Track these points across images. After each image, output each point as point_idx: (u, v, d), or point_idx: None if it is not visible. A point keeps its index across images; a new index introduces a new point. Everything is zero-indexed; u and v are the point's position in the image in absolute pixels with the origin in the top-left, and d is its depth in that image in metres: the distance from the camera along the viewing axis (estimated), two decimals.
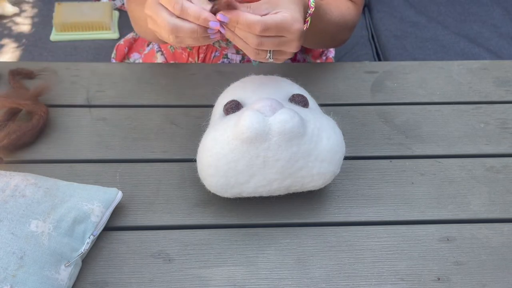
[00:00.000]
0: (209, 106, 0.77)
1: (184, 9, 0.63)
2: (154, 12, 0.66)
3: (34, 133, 0.79)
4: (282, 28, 0.64)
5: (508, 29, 1.62)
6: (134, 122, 0.83)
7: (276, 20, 0.64)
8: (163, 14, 0.65)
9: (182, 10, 0.63)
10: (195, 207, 0.72)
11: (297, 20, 0.65)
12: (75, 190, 0.68)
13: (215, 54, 1.01)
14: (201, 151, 0.67)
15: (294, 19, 0.65)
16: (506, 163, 0.80)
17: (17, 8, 1.93)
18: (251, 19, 0.63)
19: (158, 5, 0.65)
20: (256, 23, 0.63)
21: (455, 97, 0.90)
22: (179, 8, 0.63)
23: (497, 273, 0.67)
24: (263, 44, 0.65)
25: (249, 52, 0.68)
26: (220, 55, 1.01)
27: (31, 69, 0.90)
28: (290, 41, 0.66)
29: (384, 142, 0.82)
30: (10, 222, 0.62)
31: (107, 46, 1.74)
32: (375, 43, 1.62)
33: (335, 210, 0.73)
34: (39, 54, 1.74)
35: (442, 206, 0.74)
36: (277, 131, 0.62)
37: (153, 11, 0.66)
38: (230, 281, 0.65)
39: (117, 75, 0.91)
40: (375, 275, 0.66)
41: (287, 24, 0.64)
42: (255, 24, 0.63)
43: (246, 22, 0.63)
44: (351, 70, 0.94)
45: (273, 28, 0.64)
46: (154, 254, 0.67)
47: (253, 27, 0.63)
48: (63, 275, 0.62)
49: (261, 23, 0.63)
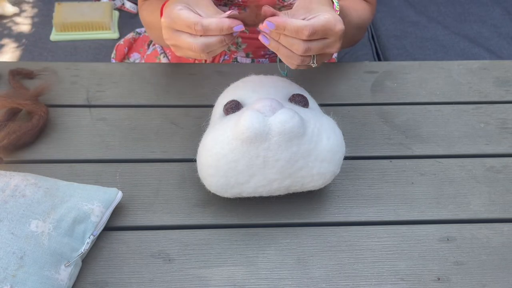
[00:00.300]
0: (209, 106, 0.77)
1: (205, 28, 0.63)
2: (176, 39, 0.66)
3: (34, 133, 0.79)
4: (328, 30, 0.64)
5: (508, 29, 1.62)
6: (134, 122, 0.83)
7: (322, 23, 0.64)
8: (186, 39, 0.65)
9: (203, 29, 0.63)
10: (195, 207, 0.72)
11: (339, 20, 0.66)
12: (75, 190, 0.68)
13: (224, 57, 1.01)
14: (201, 151, 0.67)
15: (336, 19, 0.65)
16: (506, 163, 0.80)
17: (17, 8, 1.93)
18: (299, 24, 0.63)
19: (176, 32, 0.66)
20: (304, 27, 0.63)
21: (455, 97, 0.90)
22: (201, 28, 0.63)
23: (497, 273, 0.67)
24: (310, 49, 0.65)
25: (295, 60, 0.67)
26: (229, 59, 1.00)
27: (31, 69, 0.90)
28: (333, 42, 0.66)
29: (384, 142, 0.82)
30: (10, 222, 0.62)
31: (107, 46, 1.74)
32: (375, 43, 1.62)
33: (335, 210, 0.73)
34: (39, 54, 1.74)
35: (442, 206, 0.74)
36: (277, 131, 0.62)
37: (174, 39, 0.66)
38: (230, 281, 0.65)
39: (117, 75, 0.91)
40: (375, 275, 0.66)
41: (331, 25, 0.64)
42: (303, 29, 0.63)
43: (294, 28, 0.63)
44: (351, 70, 0.94)
45: (320, 31, 0.64)
46: (154, 254, 0.67)
47: (301, 31, 0.63)
48: (63, 275, 0.62)
49: (309, 27, 0.63)
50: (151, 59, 1.08)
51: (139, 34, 1.20)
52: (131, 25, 1.80)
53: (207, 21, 0.63)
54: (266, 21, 0.63)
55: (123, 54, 1.16)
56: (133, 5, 1.90)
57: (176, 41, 0.66)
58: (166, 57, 1.05)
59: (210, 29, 0.63)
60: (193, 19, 0.63)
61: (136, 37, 1.19)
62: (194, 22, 0.63)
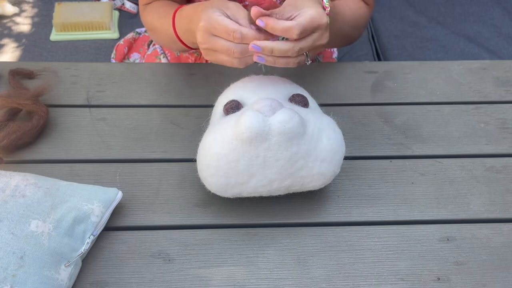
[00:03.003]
0: (209, 106, 0.77)
1: (244, 36, 0.66)
2: (213, 44, 0.68)
3: (34, 133, 0.79)
4: (315, 24, 0.66)
5: (508, 29, 1.63)
6: (134, 122, 0.83)
7: (308, 19, 0.66)
8: (224, 43, 0.67)
9: (242, 36, 0.66)
10: (195, 207, 0.72)
11: (322, 13, 0.68)
12: (75, 190, 0.68)
13: None
14: (201, 151, 0.67)
15: (320, 13, 0.67)
16: (506, 163, 0.80)
17: (17, 8, 1.93)
18: (287, 24, 0.65)
19: (213, 36, 0.68)
20: (293, 26, 0.65)
21: (455, 97, 0.90)
22: (239, 36, 0.65)
23: (497, 273, 0.67)
24: (302, 49, 0.67)
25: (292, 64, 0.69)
26: None
27: (31, 69, 0.90)
28: (321, 34, 0.68)
29: (384, 142, 0.82)
30: (10, 222, 0.62)
31: (107, 46, 1.74)
32: (375, 43, 1.62)
33: (335, 210, 0.73)
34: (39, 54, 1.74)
35: (442, 206, 0.74)
36: (277, 131, 0.62)
37: (211, 43, 0.68)
38: (230, 281, 0.65)
39: (117, 75, 0.91)
40: (375, 275, 0.66)
41: (316, 19, 0.66)
42: (293, 28, 0.65)
43: (283, 28, 0.65)
44: (351, 70, 0.94)
45: (308, 28, 0.66)
46: (154, 254, 0.67)
47: (291, 31, 0.65)
48: (63, 275, 0.62)
49: (298, 26, 0.65)
50: (151, 59, 1.08)
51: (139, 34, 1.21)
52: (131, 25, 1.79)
53: (245, 30, 0.66)
54: (252, 45, 0.65)
55: (123, 54, 1.16)
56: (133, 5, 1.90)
57: (213, 45, 0.68)
58: (166, 57, 1.05)
59: (248, 38, 0.66)
60: (232, 26, 0.66)
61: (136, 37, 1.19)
62: (233, 29, 0.65)
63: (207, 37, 0.68)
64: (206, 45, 0.69)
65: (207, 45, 0.69)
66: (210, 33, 0.67)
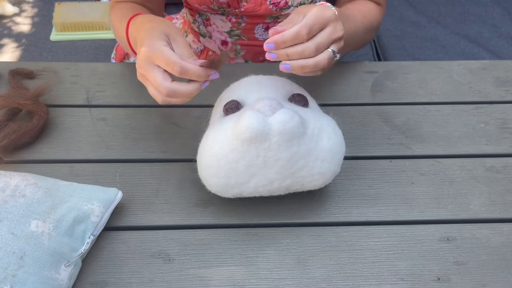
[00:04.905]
0: (209, 106, 0.77)
1: (184, 70, 0.65)
2: (148, 72, 0.67)
3: (34, 133, 0.79)
4: (321, 19, 0.66)
5: (508, 29, 1.63)
6: (134, 122, 0.83)
7: (312, 17, 0.66)
8: (158, 77, 0.66)
9: (182, 70, 0.65)
10: (195, 207, 0.72)
11: (325, 7, 0.68)
12: (75, 190, 0.68)
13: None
14: (201, 152, 0.67)
15: (321, 7, 0.68)
16: (506, 163, 0.80)
17: (17, 8, 1.93)
18: (294, 29, 0.65)
19: (151, 64, 0.67)
20: (300, 28, 0.65)
21: (455, 97, 0.90)
22: (179, 70, 0.65)
23: (497, 273, 0.67)
24: (320, 44, 0.66)
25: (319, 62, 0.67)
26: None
27: (31, 69, 0.90)
28: (334, 26, 0.68)
29: (384, 142, 0.82)
30: (10, 222, 0.62)
31: (107, 46, 1.75)
32: (375, 43, 1.62)
33: (335, 210, 0.73)
34: (39, 54, 1.75)
35: (442, 206, 0.74)
36: (277, 131, 0.62)
37: (146, 70, 0.67)
38: (230, 281, 0.65)
39: (117, 75, 0.91)
40: (375, 275, 0.66)
41: (320, 14, 0.67)
42: (300, 30, 0.65)
43: (291, 34, 0.65)
44: (351, 70, 0.94)
45: (315, 24, 0.66)
46: (154, 254, 0.67)
47: (300, 33, 0.65)
48: (63, 275, 0.62)
49: (304, 26, 0.65)
50: None
51: None
52: None
53: (187, 65, 0.65)
54: (266, 44, 0.66)
55: (123, 54, 1.16)
56: None
57: (147, 72, 0.67)
58: None
59: (189, 73, 0.65)
60: (174, 58, 0.65)
61: None
62: (174, 61, 0.64)
63: (145, 63, 0.67)
64: (142, 70, 0.68)
65: (142, 70, 0.68)
66: (150, 61, 0.67)
